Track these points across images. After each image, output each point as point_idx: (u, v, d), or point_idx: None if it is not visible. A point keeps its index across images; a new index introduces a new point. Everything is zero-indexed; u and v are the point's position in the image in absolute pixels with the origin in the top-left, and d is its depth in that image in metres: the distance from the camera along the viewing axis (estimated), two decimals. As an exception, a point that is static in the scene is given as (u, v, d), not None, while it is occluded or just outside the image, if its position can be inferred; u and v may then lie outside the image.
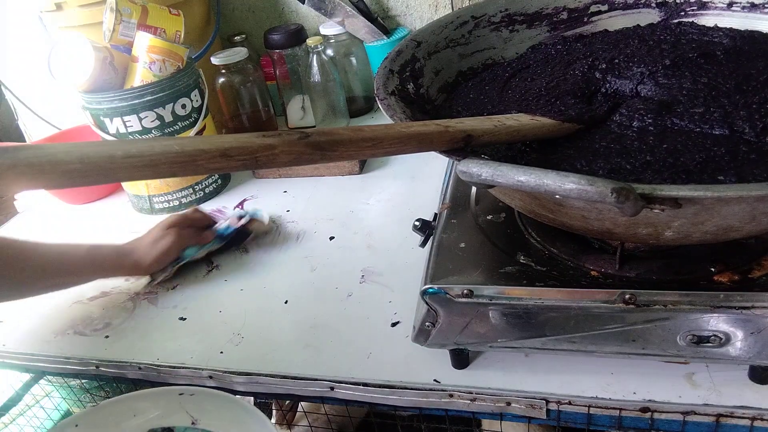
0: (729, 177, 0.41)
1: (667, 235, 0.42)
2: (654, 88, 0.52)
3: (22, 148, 0.28)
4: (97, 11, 0.91)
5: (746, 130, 0.44)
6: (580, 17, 0.71)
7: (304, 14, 1.17)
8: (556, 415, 0.52)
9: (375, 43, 1.07)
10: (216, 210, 0.87)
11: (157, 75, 0.86)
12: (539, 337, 0.50)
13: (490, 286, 0.49)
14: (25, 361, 0.71)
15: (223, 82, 1.04)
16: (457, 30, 0.68)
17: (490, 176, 0.38)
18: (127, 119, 0.86)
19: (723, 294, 0.44)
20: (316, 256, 0.76)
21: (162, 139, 0.32)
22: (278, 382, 0.59)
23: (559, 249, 0.52)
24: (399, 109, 0.51)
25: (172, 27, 0.90)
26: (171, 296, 0.74)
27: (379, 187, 0.89)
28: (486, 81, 0.63)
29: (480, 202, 0.61)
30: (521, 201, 0.48)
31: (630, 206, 0.34)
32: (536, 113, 0.49)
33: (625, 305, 0.46)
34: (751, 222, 0.40)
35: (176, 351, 0.65)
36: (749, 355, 0.46)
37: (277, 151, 0.34)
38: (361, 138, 0.38)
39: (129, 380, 0.67)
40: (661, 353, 0.48)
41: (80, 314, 0.74)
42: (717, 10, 0.66)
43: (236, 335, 0.65)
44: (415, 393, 0.55)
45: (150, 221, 0.93)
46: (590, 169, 0.45)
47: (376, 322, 0.63)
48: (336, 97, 1.03)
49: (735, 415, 0.47)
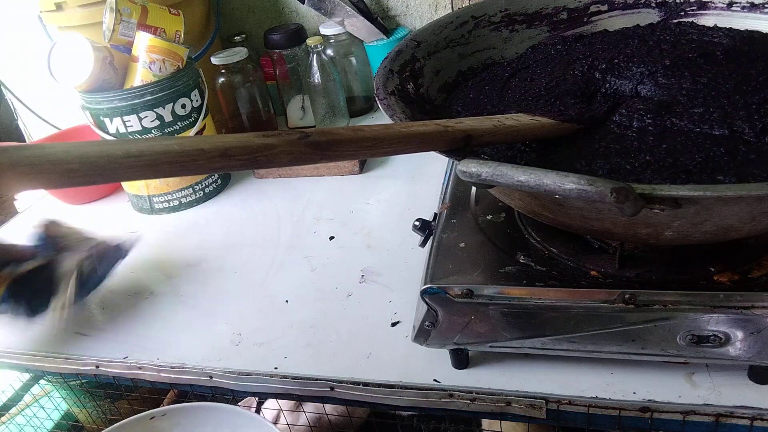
0: (728, 177, 0.41)
1: (666, 235, 0.42)
2: (654, 88, 0.52)
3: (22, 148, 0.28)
4: (97, 11, 0.91)
5: (746, 130, 0.44)
6: (580, 17, 0.71)
7: (304, 14, 1.17)
8: (555, 415, 0.52)
9: (375, 43, 1.07)
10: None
11: (157, 75, 0.86)
12: (539, 337, 0.50)
13: (490, 285, 0.49)
14: (25, 361, 0.71)
15: (223, 82, 1.04)
16: (457, 30, 0.68)
17: (490, 176, 0.38)
18: (127, 119, 0.86)
19: (723, 294, 0.44)
20: (316, 256, 0.76)
21: (162, 139, 0.32)
22: (278, 382, 0.59)
23: (559, 249, 0.52)
24: (399, 109, 0.51)
25: (172, 27, 0.90)
26: (171, 296, 0.74)
27: (379, 187, 0.89)
28: (486, 81, 0.63)
29: (480, 202, 0.61)
30: (521, 201, 0.48)
31: (629, 206, 0.34)
32: (536, 113, 0.49)
33: (625, 305, 0.46)
34: (751, 222, 0.40)
35: (176, 351, 0.65)
36: (749, 355, 0.46)
37: (277, 150, 0.35)
38: (361, 138, 0.38)
39: (129, 380, 0.67)
40: (661, 353, 0.48)
41: (80, 314, 0.74)
42: (717, 10, 0.66)
43: (236, 335, 0.65)
44: (415, 393, 0.55)
45: (150, 221, 0.94)
46: (590, 169, 0.45)
47: (376, 322, 0.63)
48: (336, 97, 1.03)
49: (735, 414, 0.47)
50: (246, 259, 0.78)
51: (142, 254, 0.85)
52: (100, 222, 0.97)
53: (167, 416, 0.59)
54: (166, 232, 0.90)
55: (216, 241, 0.84)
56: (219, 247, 0.83)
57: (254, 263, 0.77)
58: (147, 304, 0.74)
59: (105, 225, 0.95)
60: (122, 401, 0.98)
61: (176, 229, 0.90)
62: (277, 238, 0.82)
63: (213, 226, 0.89)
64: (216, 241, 0.85)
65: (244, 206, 0.92)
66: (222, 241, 0.84)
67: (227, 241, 0.84)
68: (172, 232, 0.89)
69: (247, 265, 0.77)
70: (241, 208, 0.92)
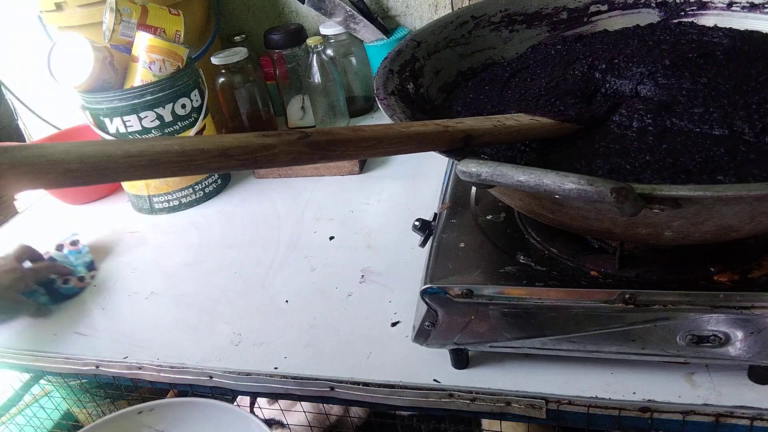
0: (728, 177, 0.41)
1: (666, 235, 0.42)
2: (653, 88, 0.52)
3: (22, 148, 0.28)
4: (97, 11, 0.91)
5: (746, 131, 0.44)
6: (580, 17, 0.71)
7: (304, 14, 1.17)
8: (555, 415, 0.52)
9: (375, 43, 1.07)
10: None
11: (157, 75, 0.86)
12: (539, 337, 0.50)
13: (490, 285, 0.49)
14: (25, 361, 0.71)
15: (223, 82, 1.04)
16: (457, 30, 0.68)
17: (490, 176, 0.38)
18: (127, 119, 0.86)
19: (723, 294, 0.44)
20: (316, 256, 0.76)
21: (162, 139, 0.32)
22: (278, 382, 0.59)
23: (558, 249, 0.52)
24: (399, 109, 0.51)
25: (172, 27, 0.90)
26: (171, 296, 0.74)
27: (379, 187, 0.89)
28: (486, 81, 0.63)
29: (480, 202, 0.61)
30: (521, 201, 0.48)
31: (629, 206, 0.34)
32: (536, 113, 0.49)
33: (625, 305, 0.46)
34: (751, 222, 0.40)
35: (176, 351, 0.65)
36: (749, 355, 0.46)
37: (276, 150, 0.34)
38: (361, 138, 0.38)
39: (129, 380, 0.67)
40: (661, 353, 0.48)
41: (80, 314, 0.74)
42: (717, 10, 0.66)
43: (236, 335, 0.65)
44: (415, 393, 0.55)
45: (150, 221, 0.94)
46: (590, 169, 0.45)
47: (376, 322, 0.63)
48: (336, 97, 1.03)
49: (734, 414, 0.47)
50: (246, 259, 0.78)
51: (142, 254, 0.85)
52: (100, 222, 0.97)
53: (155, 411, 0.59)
54: (166, 232, 0.90)
55: (216, 241, 0.84)
56: (219, 247, 0.83)
57: (254, 263, 0.77)
58: (147, 304, 0.74)
59: (105, 225, 0.95)
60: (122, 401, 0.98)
61: (176, 229, 0.90)
62: (277, 238, 0.82)
63: (213, 226, 0.89)
64: (216, 241, 0.85)
65: (244, 206, 0.92)
66: (222, 241, 0.84)
67: (227, 241, 0.84)
68: (172, 232, 0.89)
69: (247, 265, 0.77)
70: (241, 208, 0.92)
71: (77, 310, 0.75)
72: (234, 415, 0.57)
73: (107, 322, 0.72)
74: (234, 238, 0.84)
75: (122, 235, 0.91)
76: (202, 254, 0.82)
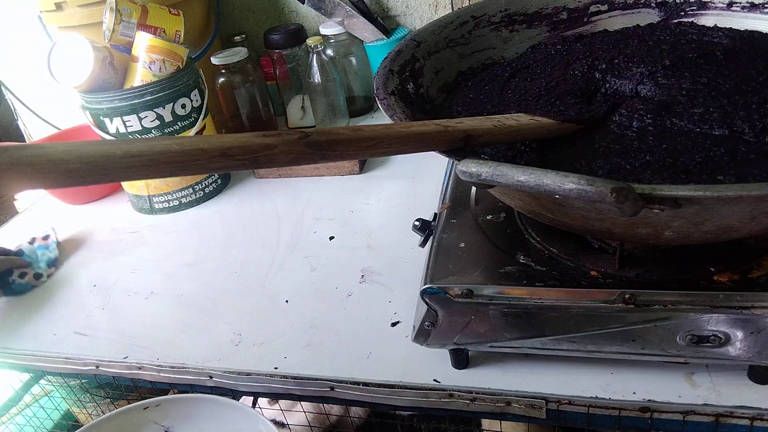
0: (728, 177, 0.41)
1: (666, 235, 0.42)
2: (654, 88, 0.52)
3: (22, 148, 0.28)
4: (97, 11, 0.91)
5: (746, 131, 0.44)
6: (580, 17, 0.71)
7: (304, 14, 1.17)
8: (555, 415, 0.52)
9: (375, 43, 1.07)
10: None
11: (157, 75, 0.86)
12: (539, 337, 0.50)
13: (490, 286, 0.49)
14: (25, 361, 0.71)
15: (223, 82, 1.04)
16: (457, 30, 0.68)
17: (490, 176, 0.38)
18: (127, 119, 0.86)
19: (723, 294, 0.44)
20: (316, 256, 0.76)
21: (162, 139, 0.32)
22: (278, 382, 0.59)
23: (558, 249, 0.52)
24: (399, 109, 0.51)
25: (172, 27, 0.90)
26: (171, 296, 0.74)
27: (379, 187, 0.89)
28: (486, 81, 0.63)
29: (480, 202, 0.61)
30: (521, 201, 0.48)
31: (629, 206, 0.34)
32: (536, 113, 0.49)
33: (625, 305, 0.46)
34: (751, 222, 0.40)
35: (176, 351, 0.65)
36: (749, 355, 0.46)
37: (276, 150, 0.34)
38: (361, 138, 0.38)
39: (129, 380, 0.67)
40: (661, 353, 0.48)
41: (80, 314, 0.74)
42: (717, 10, 0.66)
43: (236, 335, 0.65)
44: (415, 393, 0.55)
45: (150, 221, 0.94)
46: (590, 169, 0.45)
47: (376, 322, 0.63)
48: (336, 97, 1.03)
49: (734, 414, 0.47)
50: (246, 259, 0.78)
51: (142, 254, 0.85)
52: (100, 222, 0.97)
53: (161, 407, 0.59)
54: (166, 232, 0.90)
55: (216, 241, 0.84)
56: (219, 247, 0.83)
57: (254, 263, 0.77)
58: (147, 304, 0.74)
59: (105, 225, 0.95)
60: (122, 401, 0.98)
61: (176, 229, 0.90)
62: (277, 238, 0.82)
63: (213, 226, 0.89)
64: (216, 241, 0.85)
65: (244, 206, 0.92)
66: (222, 241, 0.84)
67: (227, 241, 0.84)
68: (172, 232, 0.89)
69: (247, 265, 0.77)
70: (241, 208, 0.92)
71: (79, 310, 0.75)
72: (240, 412, 0.57)
73: (107, 322, 0.72)
74: (234, 238, 0.84)
75: (122, 235, 0.91)
76: (202, 254, 0.82)
